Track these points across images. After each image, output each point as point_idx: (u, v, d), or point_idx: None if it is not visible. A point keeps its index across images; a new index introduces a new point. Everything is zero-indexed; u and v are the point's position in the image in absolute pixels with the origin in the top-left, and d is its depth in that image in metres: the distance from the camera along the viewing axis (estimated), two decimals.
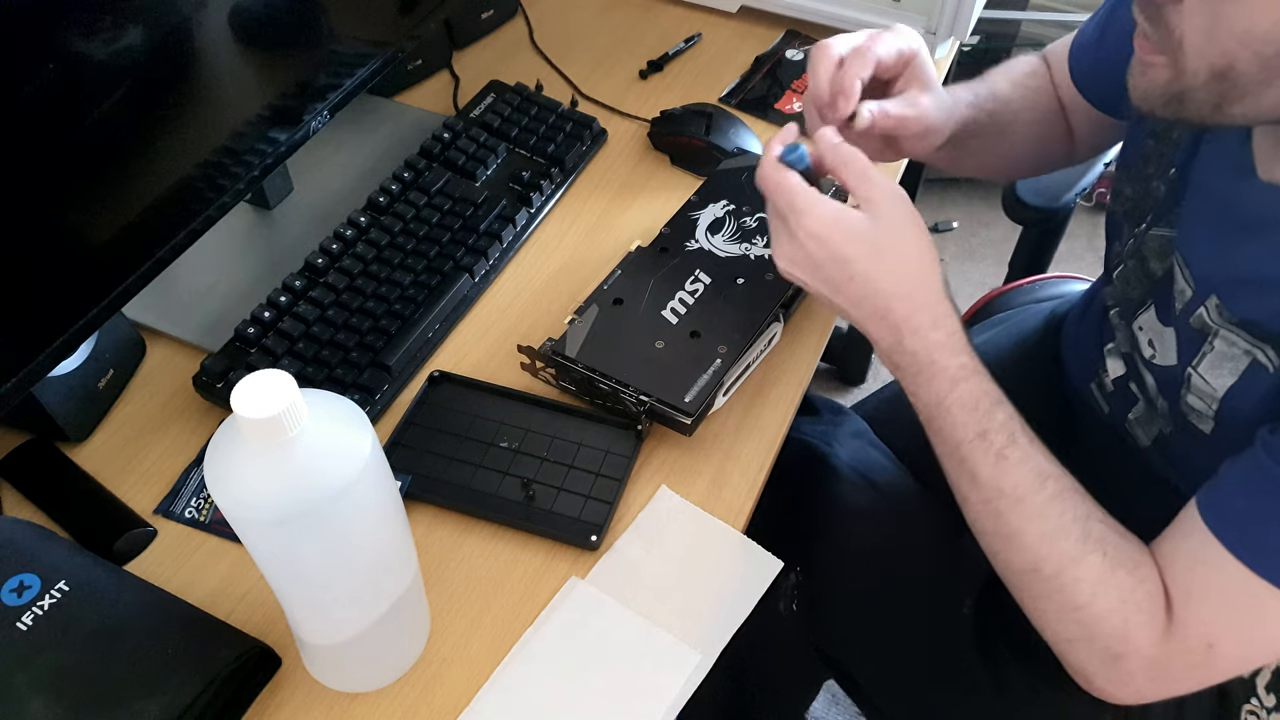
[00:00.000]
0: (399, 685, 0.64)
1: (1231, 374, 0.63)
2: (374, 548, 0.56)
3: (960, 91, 0.80)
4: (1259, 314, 0.61)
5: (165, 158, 0.73)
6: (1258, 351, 0.61)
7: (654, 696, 0.63)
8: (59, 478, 0.73)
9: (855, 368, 1.82)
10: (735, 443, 0.76)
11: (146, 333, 0.82)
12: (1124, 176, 0.77)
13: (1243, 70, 0.52)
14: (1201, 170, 0.67)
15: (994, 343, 1.00)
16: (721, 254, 0.83)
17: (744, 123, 0.98)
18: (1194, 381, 0.66)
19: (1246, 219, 0.62)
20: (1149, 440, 0.76)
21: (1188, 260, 0.67)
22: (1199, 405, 0.67)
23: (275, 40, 0.81)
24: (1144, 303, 0.73)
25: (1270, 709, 0.73)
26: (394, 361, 0.78)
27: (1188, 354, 0.67)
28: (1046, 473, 0.63)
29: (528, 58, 1.11)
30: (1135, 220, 0.74)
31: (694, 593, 0.69)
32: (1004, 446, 0.63)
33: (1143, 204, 0.73)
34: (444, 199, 0.89)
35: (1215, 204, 0.66)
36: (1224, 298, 0.63)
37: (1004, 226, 2.11)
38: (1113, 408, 0.80)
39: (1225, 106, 0.54)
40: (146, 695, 0.57)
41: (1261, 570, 0.55)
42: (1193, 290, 0.66)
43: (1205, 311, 0.65)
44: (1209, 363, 0.65)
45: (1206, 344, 0.65)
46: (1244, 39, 0.51)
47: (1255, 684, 0.74)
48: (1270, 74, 0.51)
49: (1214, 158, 0.66)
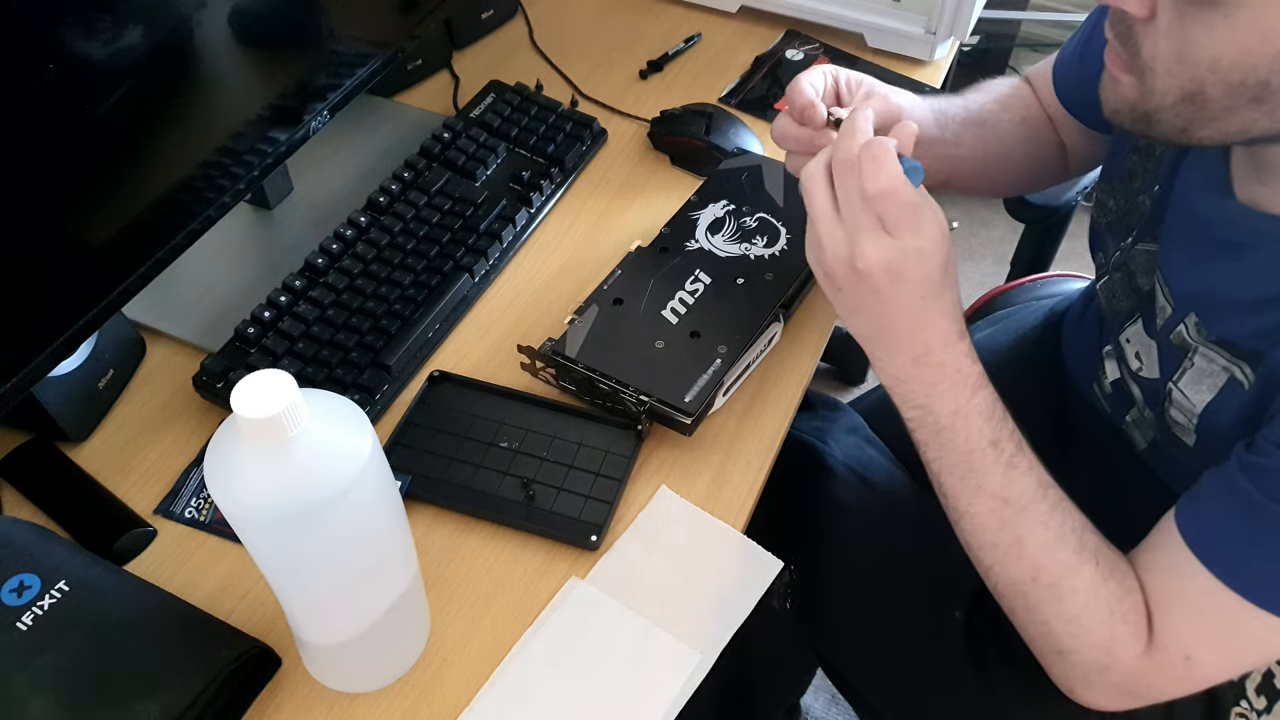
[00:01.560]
0: (399, 685, 0.64)
1: (1210, 390, 0.64)
2: (374, 548, 0.56)
3: (943, 104, 0.81)
4: (1236, 333, 0.61)
5: (165, 158, 0.73)
6: (1235, 369, 0.61)
7: (654, 696, 0.63)
8: (59, 478, 0.73)
9: (855, 368, 1.82)
10: (735, 443, 0.76)
11: (146, 333, 0.82)
12: (1107, 189, 0.77)
13: (1210, 95, 0.52)
14: (1182, 188, 0.67)
15: (993, 340, 1.00)
16: (721, 254, 0.83)
17: (744, 123, 0.98)
18: (1174, 396, 0.67)
19: (1222, 240, 0.63)
20: (1145, 443, 0.76)
21: (1167, 278, 0.68)
22: (1180, 419, 0.67)
23: (275, 40, 0.81)
24: (1132, 315, 0.73)
25: (1261, 711, 0.73)
26: (394, 361, 0.78)
27: (1169, 369, 0.67)
28: (1047, 482, 0.63)
29: (528, 58, 1.11)
30: (1121, 233, 0.75)
31: (694, 593, 0.69)
32: (1013, 454, 0.63)
33: (1128, 218, 0.74)
34: (444, 199, 0.89)
35: (1193, 222, 0.66)
36: (1202, 316, 0.64)
37: (1004, 226, 2.11)
38: (1113, 408, 0.80)
39: (1193, 129, 0.54)
40: (146, 695, 0.57)
41: (1234, 585, 0.56)
42: (1172, 308, 0.67)
43: (1185, 329, 0.65)
44: (1189, 379, 0.65)
45: (1186, 360, 0.65)
46: (1213, 65, 0.50)
47: (1245, 686, 0.74)
48: (1236, 100, 0.51)
49: (1194, 176, 0.66)
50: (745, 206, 0.86)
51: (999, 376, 0.66)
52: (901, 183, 0.59)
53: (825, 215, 0.63)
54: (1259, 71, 0.49)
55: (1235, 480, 0.56)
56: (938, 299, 0.62)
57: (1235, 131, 0.53)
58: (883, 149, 0.60)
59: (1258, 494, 0.55)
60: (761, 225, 0.85)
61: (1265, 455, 0.56)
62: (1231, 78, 0.50)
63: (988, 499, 0.63)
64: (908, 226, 0.60)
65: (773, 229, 0.84)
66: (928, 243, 0.60)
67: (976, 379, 0.64)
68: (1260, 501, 0.55)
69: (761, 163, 0.91)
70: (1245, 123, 0.52)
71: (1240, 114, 0.52)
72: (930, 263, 0.61)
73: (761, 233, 0.84)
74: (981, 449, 0.63)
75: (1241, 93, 0.50)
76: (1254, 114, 0.52)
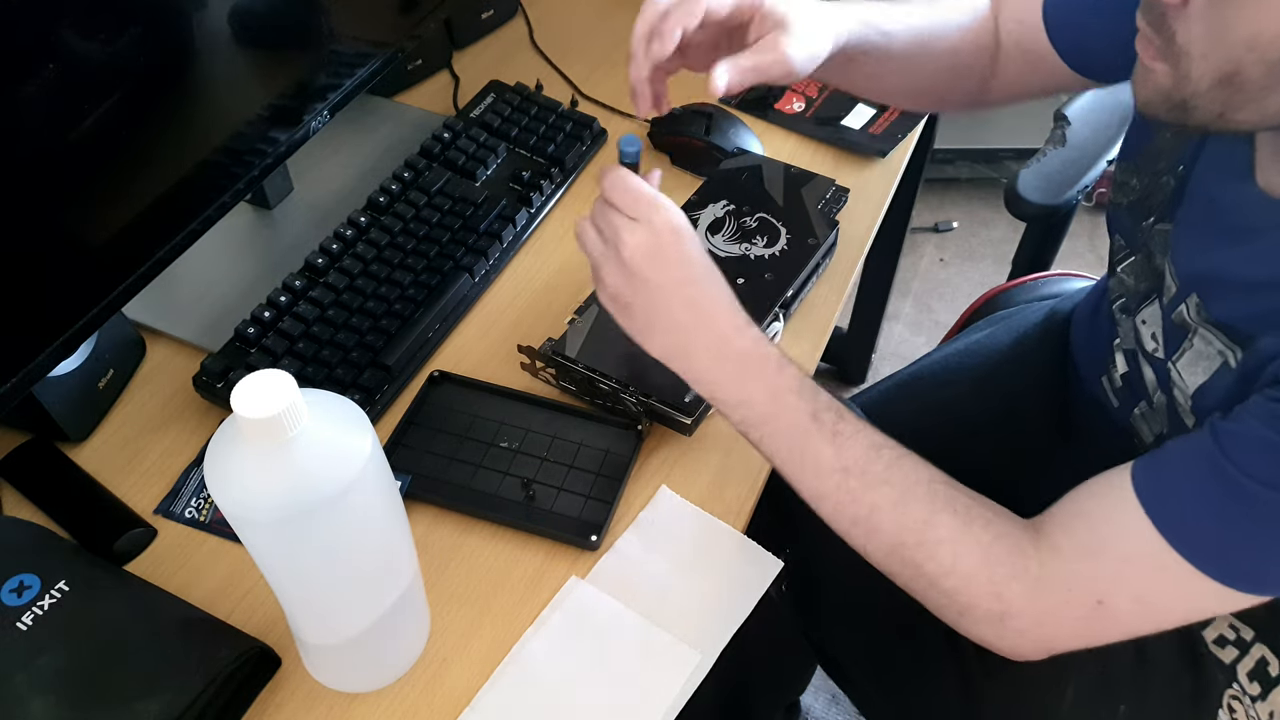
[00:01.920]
0: (399, 685, 0.64)
1: (1204, 373, 0.64)
2: (374, 548, 0.56)
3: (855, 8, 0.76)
4: (1232, 316, 0.62)
5: (165, 158, 0.73)
6: (1229, 354, 0.62)
7: (654, 696, 0.63)
8: (59, 478, 0.73)
9: (855, 367, 1.82)
10: (735, 443, 0.76)
11: (146, 333, 0.82)
12: (1129, 168, 0.77)
13: (1249, 76, 0.51)
14: (1202, 170, 0.67)
15: (994, 339, 1.00)
16: (721, 254, 0.83)
17: (744, 123, 0.98)
18: (1172, 376, 0.67)
19: (1232, 224, 0.63)
20: (1152, 437, 0.77)
21: (1174, 257, 0.68)
22: (1181, 401, 0.67)
23: (275, 40, 0.81)
24: (1149, 296, 0.73)
25: (1255, 697, 0.74)
26: (394, 361, 0.78)
27: (1171, 348, 0.68)
28: (879, 442, 0.64)
29: (528, 58, 1.11)
30: (1142, 213, 0.74)
31: (694, 593, 0.69)
32: (836, 423, 0.63)
33: (1151, 198, 0.73)
34: (444, 199, 0.89)
35: (1206, 205, 0.66)
36: (1203, 297, 0.64)
37: (1004, 226, 2.11)
38: (1121, 403, 0.80)
39: (1230, 113, 0.54)
40: (146, 695, 0.57)
41: (1175, 542, 0.56)
42: (1177, 287, 0.67)
43: (1185, 309, 0.66)
44: (1187, 359, 0.65)
45: (1186, 340, 0.65)
46: (1251, 44, 0.50)
47: (1236, 671, 0.75)
48: (1276, 79, 0.51)
49: (1215, 159, 0.66)
50: (745, 206, 0.86)
51: (1000, 375, 0.66)
52: (631, 175, 0.67)
53: (595, 247, 0.68)
54: None
55: (1203, 444, 0.57)
56: (708, 282, 0.66)
57: (1274, 113, 0.53)
58: (617, 170, 0.67)
59: (1220, 456, 0.55)
60: (761, 225, 0.85)
61: (1236, 421, 0.56)
62: (1270, 55, 0.50)
63: (829, 475, 0.63)
64: (647, 207, 0.65)
65: (773, 229, 0.84)
66: (674, 217, 0.65)
67: (778, 359, 0.65)
68: (1220, 463, 0.55)
69: (761, 163, 0.91)
70: None
71: (1279, 93, 0.51)
72: (684, 238, 0.65)
73: (761, 233, 0.84)
74: (805, 426, 0.63)
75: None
76: None
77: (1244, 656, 0.75)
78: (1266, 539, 0.54)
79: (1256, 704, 0.74)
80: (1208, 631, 0.76)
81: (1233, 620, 0.76)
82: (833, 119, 1.02)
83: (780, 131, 1.02)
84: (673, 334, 0.66)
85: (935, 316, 1.96)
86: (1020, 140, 2.08)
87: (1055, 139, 1.13)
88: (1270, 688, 0.74)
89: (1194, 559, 0.55)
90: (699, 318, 0.65)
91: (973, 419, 0.93)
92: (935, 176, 2.18)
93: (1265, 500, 0.53)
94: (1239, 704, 0.74)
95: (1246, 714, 0.74)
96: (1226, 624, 0.76)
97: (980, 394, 0.95)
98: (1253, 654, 0.75)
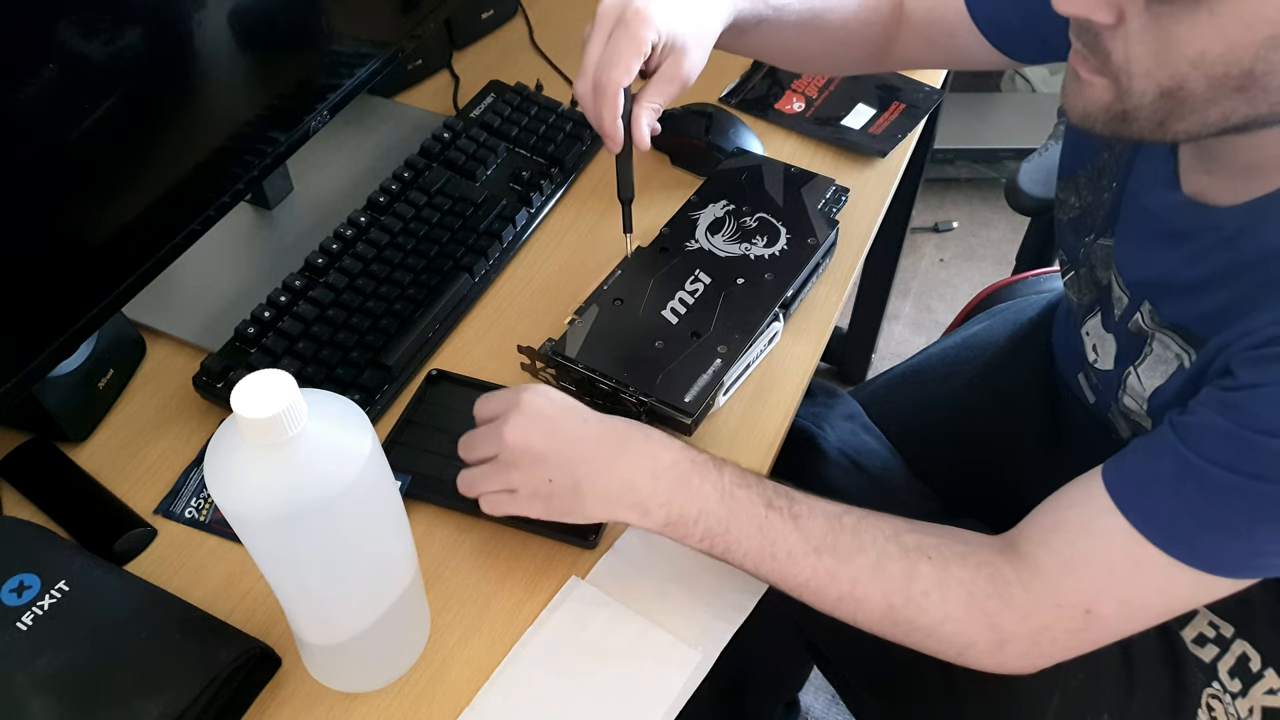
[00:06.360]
0: (399, 685, 0.64)
1: (1162, 376, 0.66)
2: (374, 548, 0.56)
3: None
4: (1184, 317, 0.63)
5: (165, 158, 0.73)
6: (1185, 356, 0.63)
7: (654, 696, 0.63)
8: (59, 478, 0.73)
9: (855, 367, 1.82)
10: (735, 443, 0.76)
11: (146, 333, 0.82)
12: (1070, 186, 0.78)
13: (1192, 90, 0.51)
14: (1134, 184, 0.68)
15: (990, 331, 1.01)
16: (721, 254, 0.83)
17: (744, 123, 0.98)
18: (1129, 382, 0.69)
19: (1168, 230, 0.64)
20: (1129, 433, 0.77)
21: (1121, 269, 0.69)
22: (1133, 406, 0.69)
23: (275, 40, 0.81)
24: (1092, 309, 0.75)
25: (1235, 694, 0.74)
26: (394, 361, 0.78)
27: (1130, 356, 0.69)
28: (834, 511, 0.64)
29: (528, 58, 1.11)
30: (1083, 230, 0.76)
31: (694, 592, 0.69)
32: (790, 506, 0.63)
33: (1091, 214, 0.75)
34: (444, 199, 0.89)
35: (1142, 215, 0.67)
36: (1154, 303, 0.66)
37: (1004, 226, 2.11)
38: (1097, 399, 0.81)
39: (1171, 123, 0.54)
40: (146, 695, 0.57)
41: (1149, 534, 0.57)
42: (1128, 297, 0.69)
43: (1140, 317, 0.67)
44: (1148, 364, 0.67)
45: (1147, 345, 0.67)
46: (1196, 61, 0.50)
47: (1217, 669, 0.75)
48: (1219, 92, 0.51)
49: (1144, 170, 0.67)
50: (745, 206, 0.86)
51: (994, 368, 0.67)
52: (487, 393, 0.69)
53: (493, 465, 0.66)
54: (1244, 61, 0.49)
55: (1165, 439, 0.58)
56: (605, 421, 0.66)
57: (1214, 122, 0.53)
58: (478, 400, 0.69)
59: (1180, 446, 0.56)
60: (761, 225, 0.85)
61: (1191, 414, 0.57)
62: (1215, 71, 0.50)
63: (804, 559, 0.62)
64: (507, 399, 0.66)
65: (772, 229, 0.84)
66: (536, 395, 0.66)
67: (711, 459, 0.65)
68: (1181, 452, 0.56)
69: (761, 163, 0.91)
70: (1225, 112, 0.52)
71: (1221, 104, 0.52)
72: (555, 402, 0.66)
73: (761, 233, 0.84)
74: (764, 516, 0.63)
75: (1225, 84, 0.50)
76: (1235, 103, 0.51)
77: (1224, 654, 0.75)
78: (1231, 520, 0.56)
79: (1237, 701, 0.74)
80: (1186, 631, 0.76)
81: (1212, 618, 0.76)
82: (833, 119, 1.02)
83: (780, 131, 1.02)
84: (603, 476, 0.64)
85: (935, 316, 1.96)
86: (1020, 140, 2.08)
87: (1057, 133, 1.13)
88: (1251, 683, 0.74)
89: (1169, 548, 0.57)
90: (616, 450, 0.64)
91: (972, 411, 0.94)
92: (935, 176, 2.18)
93: (1227, 484, 0.54)
94: (1218, 703, 0.74)
95: (1226, 712, 0.74)
96: (1206, 622, 0.76)
97: (978, 386, 0.96)
98: (1233, 650, 0.75)
